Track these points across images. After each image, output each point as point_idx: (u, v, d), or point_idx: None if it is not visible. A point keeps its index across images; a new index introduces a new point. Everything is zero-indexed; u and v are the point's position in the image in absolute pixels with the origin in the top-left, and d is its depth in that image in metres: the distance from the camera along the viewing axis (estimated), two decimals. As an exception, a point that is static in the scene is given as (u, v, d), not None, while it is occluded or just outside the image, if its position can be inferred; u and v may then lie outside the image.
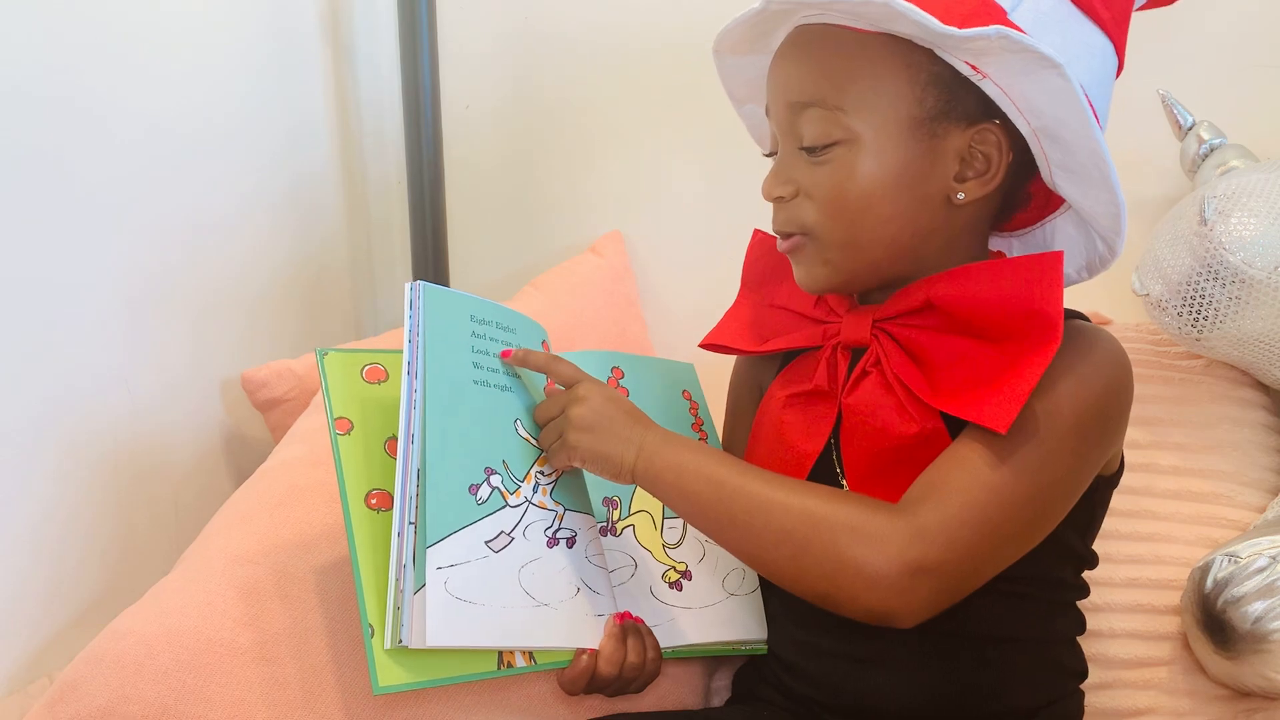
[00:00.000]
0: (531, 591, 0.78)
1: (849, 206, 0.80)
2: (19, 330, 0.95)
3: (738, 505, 0.76)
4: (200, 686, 0.79)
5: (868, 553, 0.72)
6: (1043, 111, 0.77)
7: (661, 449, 0.79)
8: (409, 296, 0.80)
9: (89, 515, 1.03)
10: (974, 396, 0.76)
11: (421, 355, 0.78)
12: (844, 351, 0.85)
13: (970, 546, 0.73)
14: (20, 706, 0.91)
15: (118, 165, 1.06)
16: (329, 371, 0.82)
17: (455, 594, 0.74)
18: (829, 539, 0.73)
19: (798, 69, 0.81)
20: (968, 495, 0.73)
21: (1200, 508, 1.02)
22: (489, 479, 0.79)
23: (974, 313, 0.78)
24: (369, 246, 1.49)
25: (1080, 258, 0.87)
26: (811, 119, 0.79)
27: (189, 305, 1.15)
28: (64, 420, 1.00)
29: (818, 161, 0.80)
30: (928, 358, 0.80)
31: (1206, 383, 1.07)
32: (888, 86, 0.78)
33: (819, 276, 0.83)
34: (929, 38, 0.75)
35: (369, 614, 0.75)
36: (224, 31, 1.21)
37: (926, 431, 0.79)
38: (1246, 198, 0.98)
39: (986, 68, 0.76)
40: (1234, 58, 1.16)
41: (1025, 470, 0.74)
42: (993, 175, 0.80)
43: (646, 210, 1.39)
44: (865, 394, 0.82)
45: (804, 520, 0.74)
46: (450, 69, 1.37)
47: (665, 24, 1.32)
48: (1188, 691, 0.95)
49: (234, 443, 1.22)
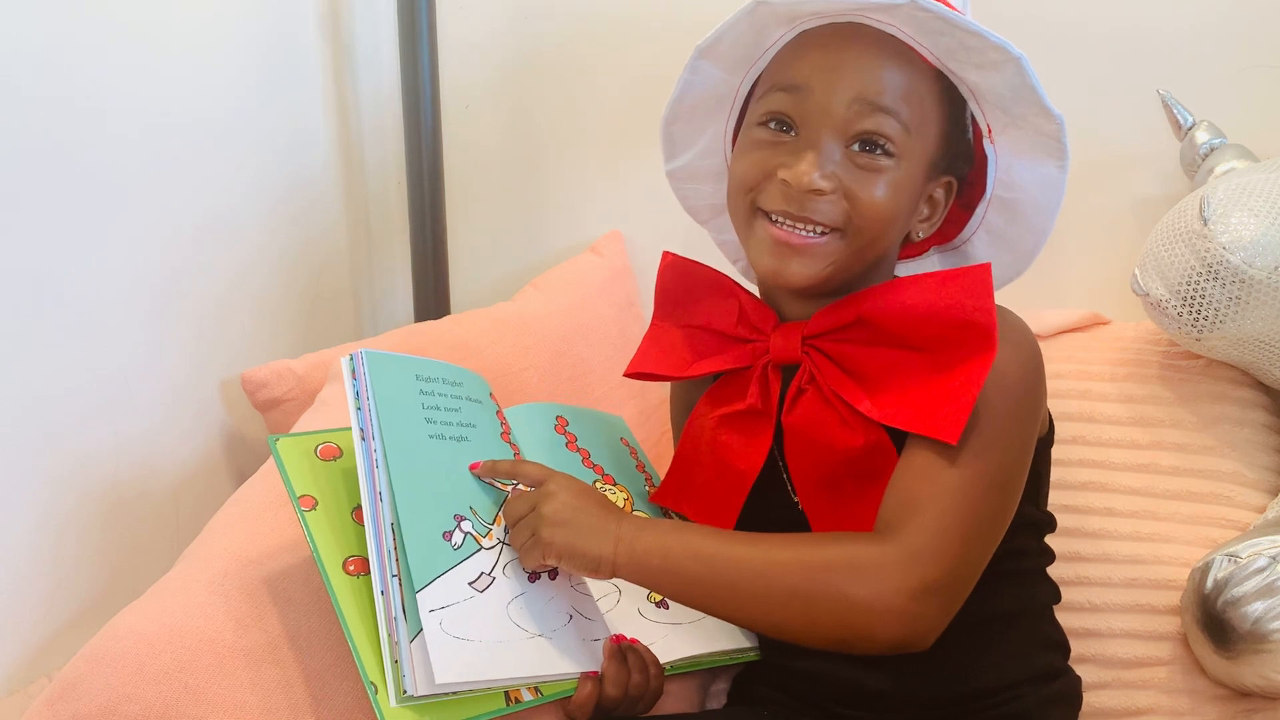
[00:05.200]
0: (523, 624, 0.79)
1: (883, 216, 0.81)
2: (18, 329, 0.95)
3: (735, 575, 0.75)
4: (201, 686, 0.79)
5: (871, 590, 0.73)
6: (1018, 188, 0.85)
7: (640, 535, 0.78)
8: (350, 367, 0.81)
9: (89, 515, 1.03)
10: (918, 409, 0.78)
11: (375, 418, 0.79)
12: (774, 369, 0.86)
13: (961, 553, 0.75)
14: (20, 706, 0.91)
15: (117, 165, 1.06)
16: (284, 456, 0.83)
17: (452, 633, 0.75)
18: (831, 586, 0.74)
19: (879, 71, 0.80)
20: (942, 504, 0.75)
21: (1200, 508, 1.02)
22: (459, 525, 0.81)
23: (906, 325, 0.80)
24: (369, 246, 1.49)
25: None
26: (882, 124, 0.80)
27: (189, 305, 1.15)
28: (64, 420, 1.00)
29: (865, 165, 0.80)
30: (862, 371, 0.82)
31: (1206, 383, 1.07)
32: (933, 123, 0.83)
33: (818, 273, 0.83)
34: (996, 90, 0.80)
35: (369, 672, 0.75)
36: (223, 31, 1.21)
37: (871, 442, 0.80)
38: (1246, 198, 0.98)
39: (1002, 134, 0.83)
40: (1234, 58, 1.16)
41: (982, 464, 0.77)
42: (935, 221, 0.87)
43: (646, 210, 1.39)
44: (805, 411, 0.83)
45: (802, 574, 0.74)
46: (450, 68, 1.37)
47: (665, 24, 1.32)
48: (1187, 691, 0.95)
49: (234, 443, 1.22)
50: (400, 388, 0.83)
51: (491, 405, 0.92)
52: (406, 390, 0.83)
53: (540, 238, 1.43)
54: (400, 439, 0.80)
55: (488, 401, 0.92)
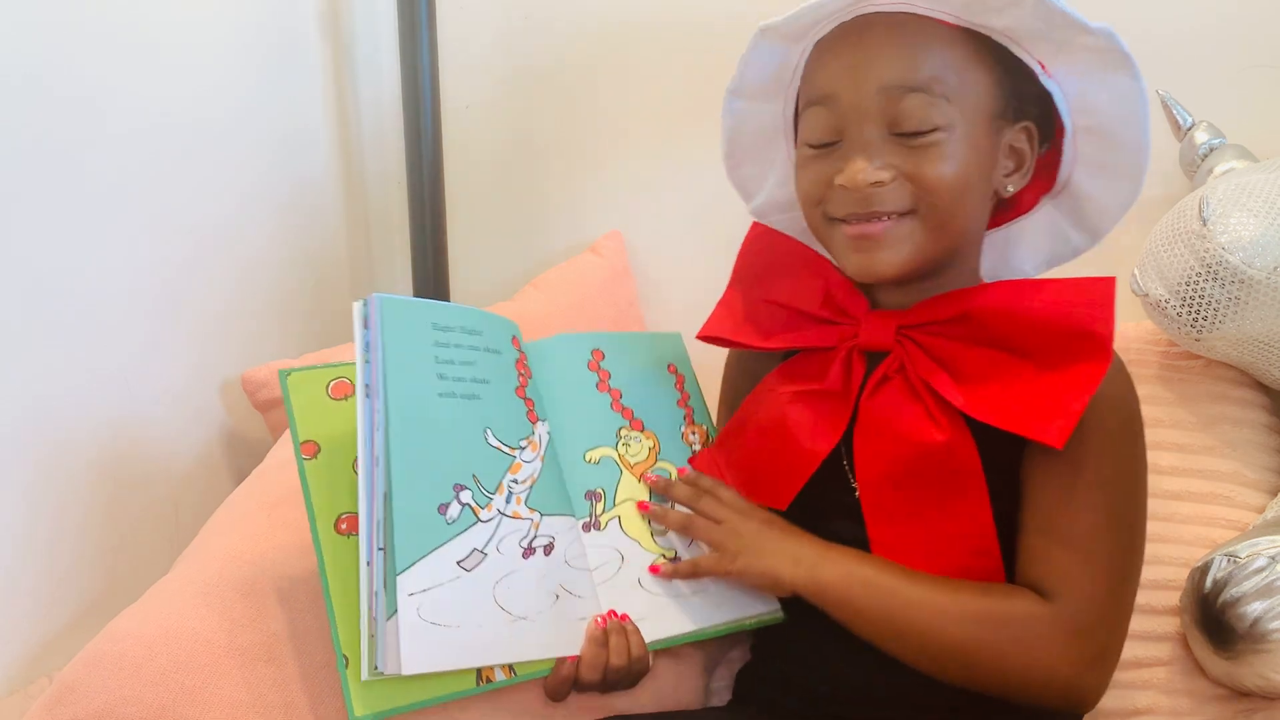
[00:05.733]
0: (508, 607, 0.78)
1: (952, 188, 0.80)
2: (18, 329, 0.95)
3: (907, 616, 0.78)
4: (198, 687, 0.79)
5: (1036, 657, 0.76)
6: (1099, 111, 0.81)
7: (822, 562, 0.81)
8: (362, 313, 0.77)
9: (89, 515, 1.03)
10: (1021, 410, 0.77)
11: (381, 373, 0.75)
12: (860, 354, 0.86)
13: (1119, 615, 0.78)
14: (20, 706, 0.91)
15: (117, 165, 1.06)
16: (292, 393, 0.80)
17: (429, 619, 0.73)
18: (997, 647, 0.76)
19: (897, 53, 0.79)
20: (1099, 562, 0.77)
21: (1200, 508, 1.02)
22: (458, 496, 0.78)
23: (1016, 327, 0.80)
24: (369, 246, 1.49)
25: (1044, 253, 0.91)
26: (915, 104, 0.79)
27: (189, 305, 1.15)
28: (64, 420, 1.00)
29: (916, 145, 0.79)
30: (958, 366, 0.81)
31: (1206, 383, 1.07)
32: (975, 79, 0.80)
33: (902, 258, 0.81)
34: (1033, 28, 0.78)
35: (342, 644, 0.74)
36: (223, 31, 1.21)
37: (953, 442, 0.79)
38: (1246, 198, 0.97)
39: (1060, 66, 0.80)
40: (1234, 58, 1.16)
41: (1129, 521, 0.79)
42: (1026, 171, 0.84)
43: (646, 210, 1.39)
44: (887, 399, 0.82)
45: (972, 629, 0.77)
46: (450, 69, 1.37)
47: (665, 24, 1.32)
48: (1186, 692, 0.95)
49: (234, 443, 1.22)
50: (414, 339, 0.78)
51: (512, 353, 0.87)
52: (420, 342, 0.79)
53: (540, 238, 1.43)
54: (406, 401, 0.76)
55: (508, 350, 0.87)
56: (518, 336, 0.89)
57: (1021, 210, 0.89)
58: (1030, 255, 0.90)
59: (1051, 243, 0.89)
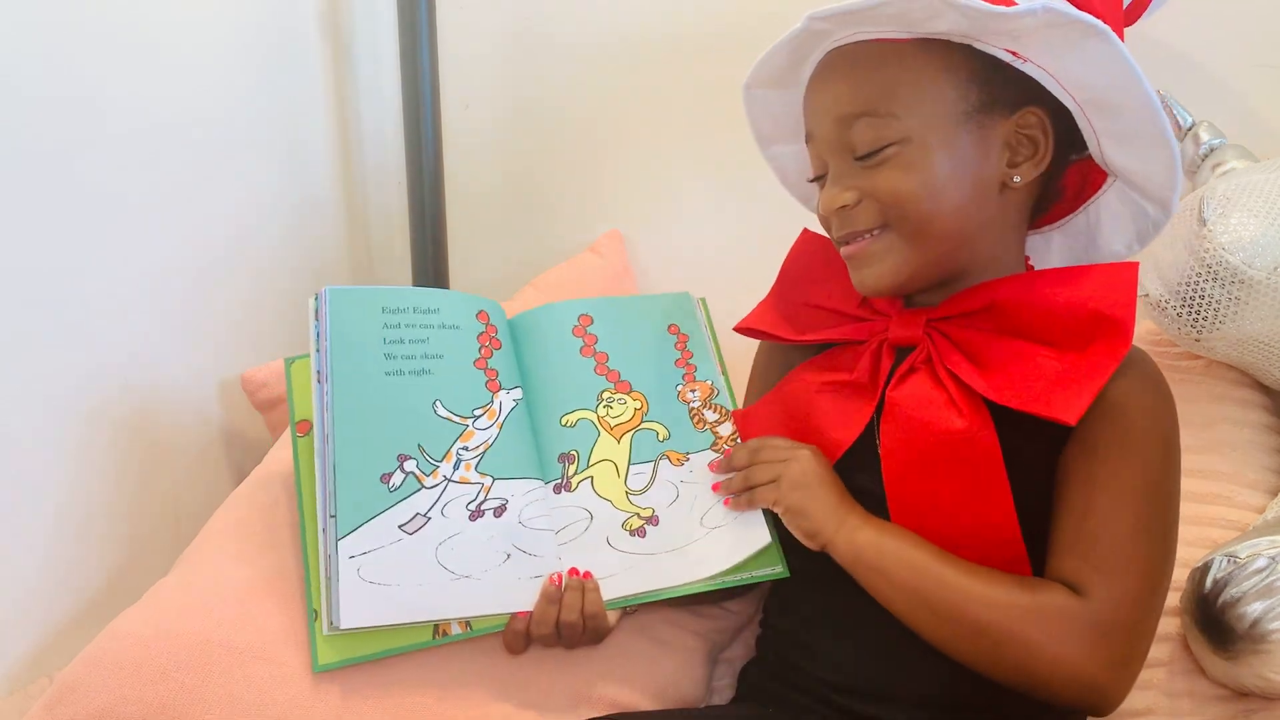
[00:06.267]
0: (450, 566, 0.83)
1: (915, 197, 0.81)
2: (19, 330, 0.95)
3: (938, 595, 0.78)
4: (198, 687, 0.80)
5: (1064, 651, 0.75)
6: (1089, 82, 0.79)
7: (863, 528, 0.81)
8: (314, 306, 0.86)
9: (89, 515, 1.03)
10: (1039, 393, 0.78)
11: (329, 361, 0.85)
12: (890, 349, 0.87)
13: (1149, 621, 0.78)
14: (20, 706, 0.91)
15: (117, 165, 1.06)
16: (293, 378, 0.90)
17: (368, 579, 0.80)
18: (1026, 635, 0.76)
19: (842, 85, 0.83)
20: (1132, 565, 0.77)
21: (1200, 508, 1.02)
22: (402, 465, 0.85)
23: (1040, 316, 0.81)
24: (369, 247, 1.49)
25: (1130, 230, 0.89)
26: (863, 128, 0.82)
27: (189, 305, 1.15)
28: (63, 420, 1.00)
29: (874, 164, 0.82)
30: (983, 358, 0.82)
31: (1206, 383, 1.07)
32: (931, 87, 0.81)
33: (887, 270, 0.84)
34: (973, 29, 0.78)
35: (313, 599, 0.82)
36: (223, 31, 1.21)
37: (974, 429, 0.80)
38: (1246, 198, 0.97)
39: (1026, 51, 0.79)
40: (1234, 58, 1.16)
41: (1165, 525, 0.79)
42: (1042, 156, 0.83)
43: (646, 210, 1.39)
44: (912, 389, 0.83)
45: (1001, 614, 0.77)
46: (450, 69, 1.37)
47: (665, 24, 1.32)
48: (1186, 692, 0.95)
49: (234, 443, 1.22)
50: (360, 324, 0.87)
51: (475, 327, 0.92)
52: (367, 326, 0.87)
53: (540, 238, 1.43)
54: (349, 381, 0.85)
55: (470, 324, 0.92)
56: (487, 311, 0.94)
57: (1090, 193, 0.89)
58: (1119, 235, 0.89)
59: (1134, 219, 0.88)
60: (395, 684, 0.84)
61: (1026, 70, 0.80)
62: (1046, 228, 0.92)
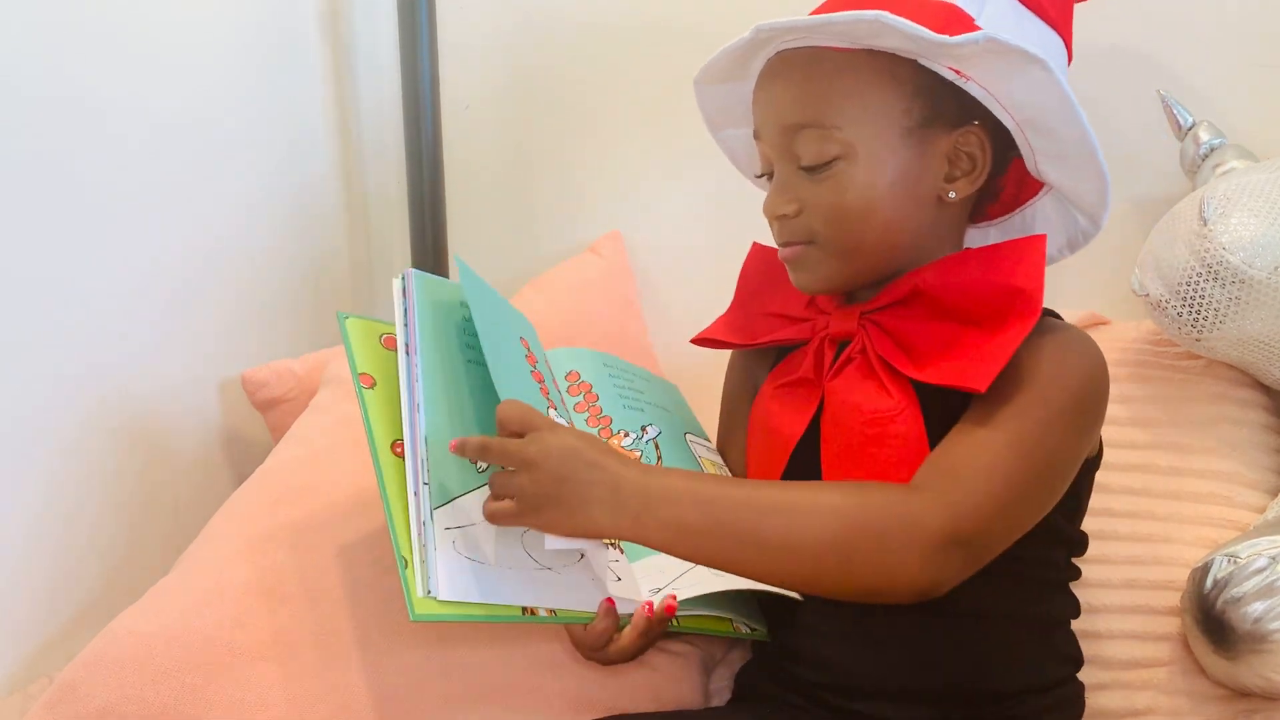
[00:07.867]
0: (534, 554, 0.81)
1: (851, 216, 0.84)
2: (18, 330, 0.95)
3: (766, 526, 0.73)
4: (200, 686, 0.80)
5: (912, 537, 0.73)
6: (1026, 104, 0.81)
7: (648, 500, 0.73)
8: (400, 286, 0.86)
9: (89, 515, 1.03)
10: (956, 368, 0.80)
11: (417, 336, 0.83)
12: (831, 344, 0.89)
13: (992, 518, 0.76)
14: (20, 706, 0.91)
15: (117, 165, 1.06)
16: (351, 334, 0.88)
17: (463, 553, 0.77)
18: (874, 534, 0.73)
19: (788, 93, 0.84)
20: (984, 471, 0.76)
21: (1200, 508, 1.02)
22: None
23: (960, 297, 0.82)
24: (369, 247, 1.49)
25: (1061, 236, 0.92)
26: (808, 139, 0.83)
27: (189, 305, 1.15)
28: (63, 420, 1.00)
29: (818, 179, 0.84)
30: (912, 343, 0.84)
31: (1206, 383, 1.07)
32: (877, 101, 0.82)
33: (819, 279, 0.87)
34: (918, 49, 0.80)
35: (401, 548, 0.77)
36: (223, 31, 1.21)
37: (898, 407, 0.82)
38: (1246, 198, 0.97)
39: (970, 71, 0.81)
40: (1234, 58, 1.16)
41: (1030, 446, 0.78)
42: (979, 173, 0.85)
43: (646, 210, 1.39)
44: (847, 378, 0.86)
45: (845, 522, 0.74)
46: (450, 69, 1.37)
47: (665, 23, 1.32)
48: (1186, 692, 0.95)
49: (234, 443, 1.22)
50: (443, 312, 0.87)
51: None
52: (449, 315, 0.87)
53: (540, 238, 1.43)
54: (437, 360, 0.84)
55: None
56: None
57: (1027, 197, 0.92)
58: (1051, 240, 0.91)
59: (1065, 228, 0.91)
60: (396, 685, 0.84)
61: (969, 89, 0.82)
62: (984, 224, 0.94)
